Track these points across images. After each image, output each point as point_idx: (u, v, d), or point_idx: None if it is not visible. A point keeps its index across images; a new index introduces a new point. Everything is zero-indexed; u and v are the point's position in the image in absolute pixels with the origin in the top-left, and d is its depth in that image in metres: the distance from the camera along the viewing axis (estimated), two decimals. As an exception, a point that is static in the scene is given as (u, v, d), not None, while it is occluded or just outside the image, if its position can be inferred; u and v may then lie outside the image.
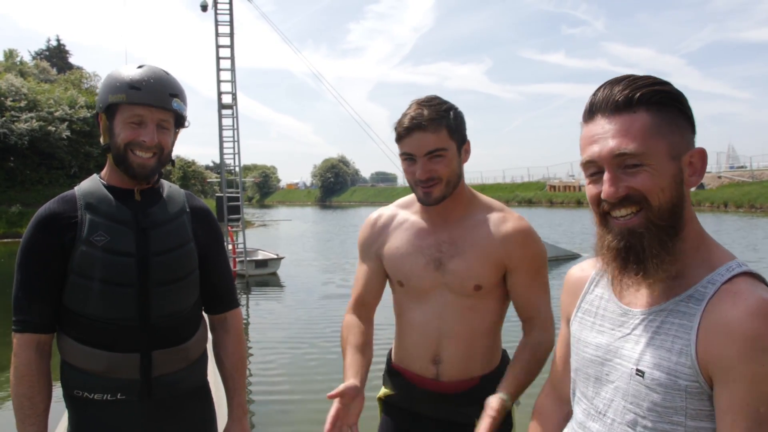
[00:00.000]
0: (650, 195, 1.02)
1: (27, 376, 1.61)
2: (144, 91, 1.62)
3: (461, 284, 1.72)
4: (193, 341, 1.78)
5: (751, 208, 33.41)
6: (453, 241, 1.75)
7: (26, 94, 30.75)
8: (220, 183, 14.82)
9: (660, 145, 1.02)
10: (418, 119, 1.65)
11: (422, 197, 1.71)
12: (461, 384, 1.77)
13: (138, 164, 1.65)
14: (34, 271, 1.62)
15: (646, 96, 1.03)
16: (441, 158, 1.67)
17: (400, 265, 1.80)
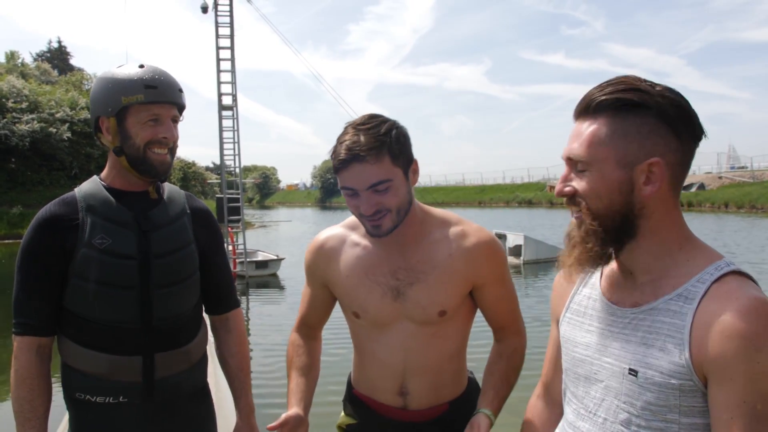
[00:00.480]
0: (587, 199, 1.08)
1: (27, 379, 1.60)
2: (160, 89, 1.64)
3: (423, 312, 1.59)
4: (195, 343, 1.78)
5: (752, 209, 33.40)
6: (410, 267, 1.59)
7: (27, 96, 30.80)
8: (220, 184, 14.84)
9: (607, 152, 1.05)
10: (355, 150, 1.44)
11: (371, 231, 1.53)
12: (430, 411, 1.67)
13: (159, 162, 1.67)
14: (34, 273, 1.62)
15: (605, 103, 1.06)
16: (386, 191, 1.48)
17: (354, 296, 1.64)
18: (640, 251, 1.10)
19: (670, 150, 1.04)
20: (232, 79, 13.90)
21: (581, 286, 1.25)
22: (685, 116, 1.04)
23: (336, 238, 1.72)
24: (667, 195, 1.07)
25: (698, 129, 1.06)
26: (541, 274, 13.52)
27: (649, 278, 1.09)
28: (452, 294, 1.59)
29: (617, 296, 1.14)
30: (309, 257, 1.76)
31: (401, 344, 1.63)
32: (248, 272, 13.89)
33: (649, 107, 1.03)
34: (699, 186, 40.98)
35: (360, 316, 1.65)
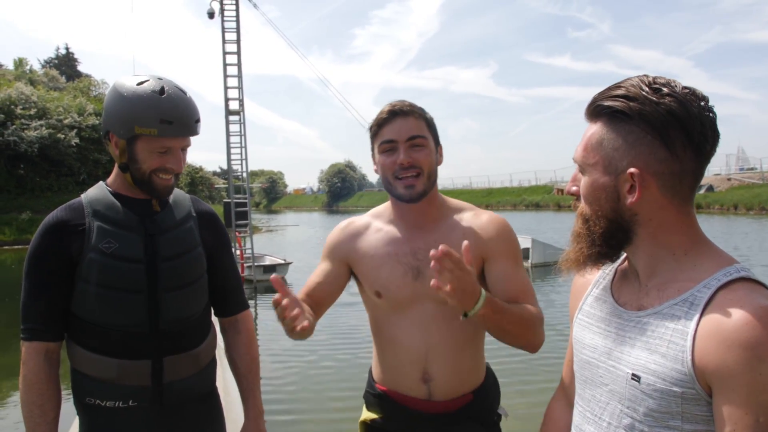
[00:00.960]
0: (583, 200, 1.12)
1: (36, 384, 1.61)
2: (176, 125, 1.63)
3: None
4: (204, 346, 1.78)
5: (761, 210, 33.13)
6: (430, 248, 1.59)
7: (36, 102, 31.07)
8: (227, 189, 14.89)
9: (596, 158, 1.07)
10: (399, 106, 1.65)
11: (403, 192, 1.63)
12: (455, 402, 1.70)
13: (162, 186, 1.68)
14: (41, 279, 1.63)
15: (599, 109, 1.07)
16: (422, 148, 1.64)
17: (376, 274, 1.70)
18: (641, 255, 1.09)
19: (656, 159, 1.02)
20: (238, 84, 13.94)
21: (594, 287, 1.24)
22: (678, 125, 1.00)
23: (360, 223, 1.82)
24: (663, 202, 1.04)
25: (697, 136, 1.01)
26: (549, 277, 13.47)
27: (655, 281, 1.07)
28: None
29: (625, 298, 1.13)
30: (334, 236, 1.83)
31: (422, 326, 1.67)
32: (256, 277, 13.91)
33: (631, 116, 1.02)
34: (708, 188, 40.72)
35: (382, 295, 1.70)
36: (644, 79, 1.05)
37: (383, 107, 1.69)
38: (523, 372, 6.55)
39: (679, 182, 1.04)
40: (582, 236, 1.12)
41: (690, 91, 1.03)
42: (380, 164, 1.68)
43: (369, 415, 1.82)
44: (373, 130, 1.69)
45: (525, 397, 5.77)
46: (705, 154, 1.04)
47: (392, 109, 1.65)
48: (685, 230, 1.07)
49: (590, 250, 1.11)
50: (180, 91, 1.67)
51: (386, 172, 1.66)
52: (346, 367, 7.15)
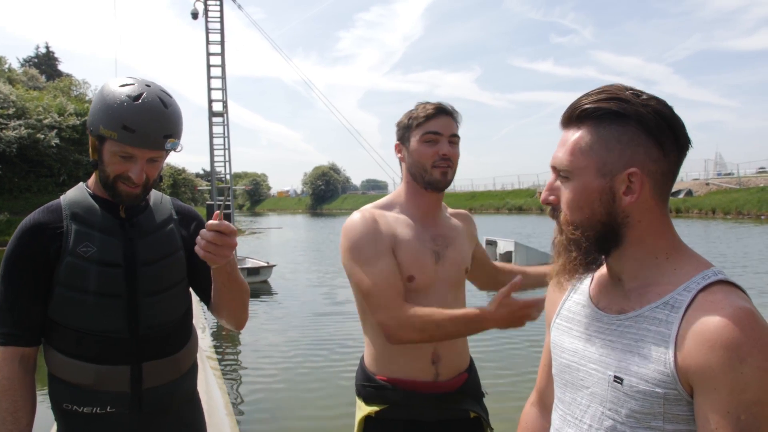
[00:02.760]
0: (568, 211, 1.09)
1: (10, 391, 1.57)
2: (138, 134, 1.53)
3: (458, 271, 1.89)
4: (184, 351, 1.76)
5: (738, 215, 33.69)
6: (443, 234, 1.91)
7: (15, 102, 30.56)
8: (210, 191, 14.80)
9: (588, 161, 1.06)
10: (444, 106, 1.88)
11: (438, 178, 1.84)
12: (456, 380, 1.87)
13: (126, 193, 1.62)
14: (18, 282, 1.59)
15: (587, 112, 1.07)
16: (456, 145, 1.88)
17: (413, 258, 1.82)
18: (626, 259, 1.10)
19: (650, 159, 1.04)
20: (222, 85, 13.88)
21: (572, 292, 1.25)
22: (667, 125, 1.03)
23: (378, 214, 1.87)
24: (651, 204, 1.06)
25: (682, 138, 1.05)
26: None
27: (636, 285, 1.09)
28: (469, 252, 2.00)
29: (605, 302, 1.14)
30: (364, 230, 1.79)
31: (437, 306, 1.76)
32: (238, 279, 13.80)
33: (628, 117, 1.04)
34: (687, 192, 41.29)
35: (415, 278, 1.81)
36: (620, 86, 1.08)
37: (424, 104, 1.89)
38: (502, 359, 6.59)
39: (665, 183, 1.06)
40: (574, 243, 1.10)
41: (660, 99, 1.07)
42: (419, 152, 1.85)
43: (371, 408, 1.83)
44: (419, 120, 1.85)
45: (511, 401, 5.82)
46: (684, 155, 1.07)
47: (440, 107, 1.86)
48: (667, 234, 1.09)
49: (586, 258, 1.10)
50: (160, 103, 1.57)
51: (425, 159, 1.84)
52: (329, 368, 7.13)
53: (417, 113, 1.87)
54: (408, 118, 1.89)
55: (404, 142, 1.91)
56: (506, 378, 6.41)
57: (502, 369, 6.68)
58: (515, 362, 6.94)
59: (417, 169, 1.86)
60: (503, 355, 7.24)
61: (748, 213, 33.23)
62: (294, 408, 5.94)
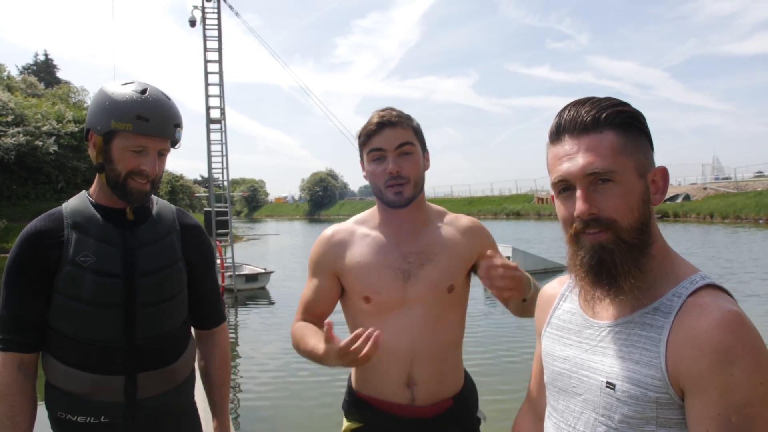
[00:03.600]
0: (619, 215, 1.04)
1: (8, 396, 1.57)
2: (152, 122, 1.59)
3: (435, 288, 1.71)
4: (180, 362, 1.75)
5: (736, 219, 33.75)
6: (420, 251, 1.75)
7: (13, 109, 30.59)
8: (208, 197, 14.77)
9: (628, 162, 1.05)
10: (387, 117, 1.72)
11: (392, 198, 1.71)
12: (437, 407, 1.73)
13: (137, 190, 1.64)
14: (18, 289, 1.60)
15: (612, 116, 1.06)
16: (409, 155, 1.72)
17: (367, 279, 1.73)
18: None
19: (652, 160, 1.10)
20: (220, 92, 13.88)
21: (561, 300, 1.26)
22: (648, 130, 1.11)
23: (345, 231, 1.84)
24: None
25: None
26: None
27: (626, 292, 1.07)
28: (460, 269, 1.77)
29: (595, 310, 1.15)
30: (318, 249, 1.83)
31: (409, 329, 1.70)
32: (237, 285, 13.80)
33: (641, 122, 1.09)
34: (684, 197, 41.36)
35: (371, 299, 1.72)
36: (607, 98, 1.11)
37: (372, 116, 1.75)
38: (500, 373, 6.58)
39: None
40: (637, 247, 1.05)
41: None
42: (370, 172, 1.75)
43: (350, 425, 1.80)
44: (362, 139, 1.75)
45: (505, 404, 5.80)
46: None
47: (381, 120, 1.71)
48: (657, 237, 1.10)
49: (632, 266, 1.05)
50: (163, 96, 1.66)
51: (376, 180, 1.73)
52: (327, 374, 7.12)
53: (362, 130, 1.75)
54: (358, 134, 1.78)
55: (362, 160, 1.80)
56: (507, 394, 6.40)
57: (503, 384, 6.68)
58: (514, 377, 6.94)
59: (374, 189, 1.77)
60: (501, 369, 7.25)
61: (746, 217, 33.29)
62: (292, 417, 5.92)
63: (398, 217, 1.77)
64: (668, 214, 37.18)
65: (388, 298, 1.71)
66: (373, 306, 1.72)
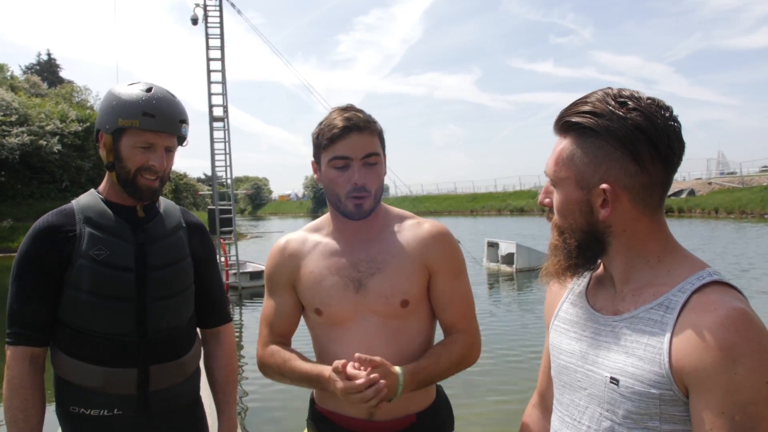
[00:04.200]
0: (559, 219, 1.13)
1: (20, 389, 1.60)
2: (158, 118, 1.65)
3: (386, 303, 1.58)
4: (190, 355, 1.79)
5: (741, 214, 33.64)
6: (371, 258, 1.62)
7: (17, 109, 30.68)
8: (211, 195, 14.80)
9: (569, 173, 1.09)
10: (354, 120, 1.55)
11: (352, 210, 1.57)
12: (397, 422, 1.60)
13: (146, 187, 1.68)
14: (29, 283, 1.62)
15: (568, 124, 1.08)
16: (374, 166, 1.58)
17: (316, 290, 1.62)
18: (616, 264, 1.11)
19: (626, 174, 1.04)
20: (222, 90, 13.89)
21: (570, 293, 1.26)
22: (646, 139, 1.02)
23: (297, 241, 1.72)
24: (635, 214, 1.06)
25: (663, 150, 1.03)
26: (533, 281, 13.53)
27: (631, 287, 1.10)
28: (413, 282, 1.60)
29: (600, 303, 1.15)
30: (271, 262, 1.72)
31: (364, 341, 1.57)
32: (241, 283, 13.84)
33: (600, 133, 1.04)
34: (689, 192, 41.26)
35: (322, 312, 1.62)
36: (609, 92, 1.07)
37: (333, 116, 1.58)
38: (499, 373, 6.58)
39: (649, 194, 1.06)
40: (559, 248, 1.13)
41: (654, 103, 1.05)
42: (329, 179, 1.58)
43: None
44: (324, 143, 1.57)
45: (512, 405, 5.81)
46: (672, 164, 1.06)
47: (347, 124, 1.54)
48: (658, 238, 1.09)
49: (567, 262, 1.13)
50: (168, 93, 1.72)
51: (336, 188, 1.57)
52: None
53: (324, 130, 1.57)
54: (317, 134, 1.60)
55: (317, 162, 1.63)
56: (510, 394, 6.40)
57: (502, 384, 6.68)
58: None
59: (331, 197, 1.61)
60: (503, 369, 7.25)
61: (752, 212, 33.17)
62: (297, 410, 5.92)
63: (351, 224, 1.63)
64: (673, 209, 37.04)
65: (338, 311, 1.60)
66: (325, 318, 1.62)
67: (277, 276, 1.70)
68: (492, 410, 5.59)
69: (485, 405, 5.72)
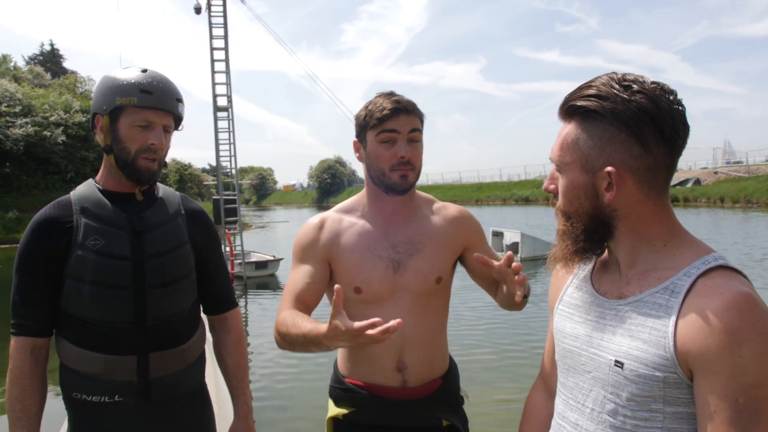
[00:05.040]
0: (563, 205, 1.14)
1: (20, 379, 1.63)
2: (155, 95, 1.66)
3: (424, 281, 1.73)
4: (191, 343, 1.79)
5: (747, 203, 33.50)
6: (408, 240, 1.76)
7: (21, 100, 30.73)
8: (216, 185, 14.80)
9: (573, 157, 1.10)
10: (402, 103, 1.70)
11: (397, 181, 1.70)
12: (427, 387, 1.77)
13: (145, 169, 1.69)
14: (30, 275, 1.64)
15: (572, 108, 1.10)
16: (417, 143, 1.73)
17: (358, 270, 1.72)
18: (622, 247, 1.12)
19: (631, 157, 1.05)
20: (226, 80, 13.86)
21: (575, 278, 1.27)
22: (650, 120, 1.03)
23: (332, 219, 1.82)
24: (640, 197, 1.07)
25: (668, 132, 1.04)
26: (538, 270, 13.55)
27: (636, 271, 1.10)
28: (447, 259, 1.79)
29: (606, 287, 1.16)
30: (308, 235, 1.79)
31: (398, 317, 1.55)
32: (247, 273, 13.88)
33: (604, 116, 1.05)
34: (695, 181, 41.07)
35: (363, 290, 1.72)
36: (614, 76, 1.08)
37: (380, 99, 1.72)
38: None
39: (654, 176, 1.07)
40: (566, 233, 1.14)
41: (659, 86, 1.06)
42: (376, 154, 1.72)
43: (339, 410, 1.82)
44: (374, 122, 1.70)
45: (517, 383, 5.82)
46: (677, 147, 1.06)
47: (397, 106, 1.69)
48: (663, 222, 1.10)
49: (575, 246, 1.14)
50: (163, 74, 1.74)
51: (382, 162, 1.71)
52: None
53: (373, 111, 1.72)
54: (364, 115, 1.75)
55: (361, 141, 1.78)
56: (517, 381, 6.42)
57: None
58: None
59: (375, 172, 1.74)
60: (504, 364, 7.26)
61: (758, 201, 33.03)
62: (303, 398, 5.98)
63: (389, 204, 1.77)
64: (678, 198, 36.91)
65: (378, 290, 1.72)
66: (363, 296, 1.72)
67: (311, 247, 1.77)
68: (496, 409, 5.61)
69: (489, 404, 5.74)
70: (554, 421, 1.24)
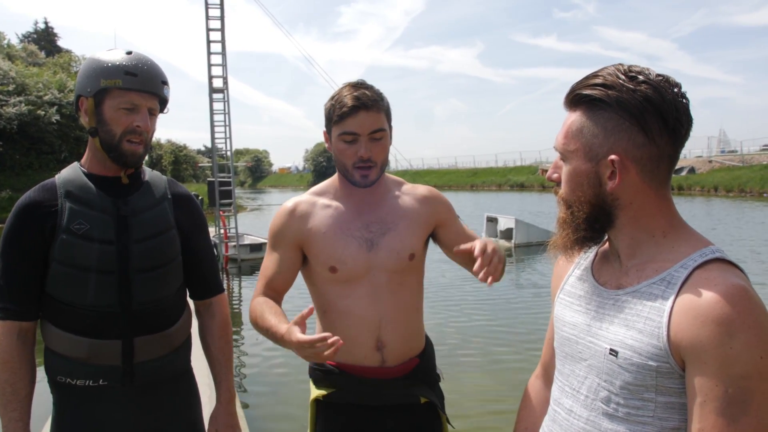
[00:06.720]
0: (565, 194, 1.15)
1: (9, 363, 1.63)
2: (140, 77, 1.65)
3: (397, 258, 1.78)
4: (176, 327, 1.79)
5: (740, 192, 33.66)
6: (381, 220, 1.81)
7: (14, 78, 30.46)
8: (211, 167, 14.75)
9: (577, 145, 1.11)
10: (362, 99, 1.70)
11: (359, 180, 1.74)
12: (405, 366, 1.81)
13: (131, 152, 1.67)
14: (15, 259, 1.64)
15: (578, 97, 1.11)
16: (380, 141, 1.74)
17: (332, 250, 1.77)
18: (623, 237, 1.14)
19: (634, 145, 1.06)
20: (222, 61, 13.75)
21: (576, 267, 1.28)
22: (654, 110, 1.04)
23: (306, 203, 1.85)
24: (642, 186, 1.09)
25: (672, 122, 1.05)
26: (532, 257, 13.60)
27: (635, 262, 1.12)
28: (419, 237, 1.84)
29: (605, 277, 1.18)
30: (280, 221, 1.84)
31: (375, 296, 1.77)
32: (241, 255, 13.89)
33: (610, 104, 1.06)
34: (689, 170, 41.20)
35: (338, 269, 1.76)
36: (620, 67, 1.09)
37: (343, 93, 1.72)
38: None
39: (656, 166, 1.08)
40: (567, 222, 1.15)
41: (664, 78, 1.07)
42: (339, 151, 1.75)
43: (320, 392, 1.84)
44: (334, 119, 1.73)
45: (515, 374, 5.87)
46: (680, 138, 1.08)
47: (356, 104, 1.69)
48: (664, 213, 1.12)
49: (576, 235, 1.15)
50: (148, 57, 1.72)
51: (345, 159, 1.74)
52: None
53: (335, 107, 1.73)
54: (329, 108, 1.76)
55: (329, 133, 1.79)
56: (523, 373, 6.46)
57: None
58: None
59: (340, 167, 1.79)
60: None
61: (750, 191, 33.18)
62: (293, 382, 6.00)
63: (360, 189, 1.80)
64: (672, 186, 36.79)
65: (353, 268, 1.76)
66: (339, 275, 1.77)
67: (283, 234, 1.83)
68: (483, 404, 5.65)
69: (477, 391, 5.78)
70: (550, 407, 1.27)
